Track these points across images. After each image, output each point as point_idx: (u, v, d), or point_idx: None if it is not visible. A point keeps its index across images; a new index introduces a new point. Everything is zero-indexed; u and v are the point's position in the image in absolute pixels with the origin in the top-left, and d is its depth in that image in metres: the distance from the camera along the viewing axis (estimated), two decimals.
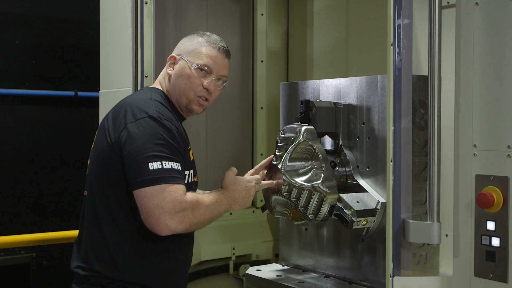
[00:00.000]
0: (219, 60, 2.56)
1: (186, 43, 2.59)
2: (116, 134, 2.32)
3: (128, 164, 2.27)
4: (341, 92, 2.94)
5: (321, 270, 3.07)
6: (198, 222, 2.31)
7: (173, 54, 2.58)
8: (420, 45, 2.73)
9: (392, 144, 2.45)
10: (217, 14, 3.85)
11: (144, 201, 2.23)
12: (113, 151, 2.32)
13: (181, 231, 2.27)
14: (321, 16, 3.88)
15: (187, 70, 2.52)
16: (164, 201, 2.21)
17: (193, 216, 2.29)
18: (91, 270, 2.37)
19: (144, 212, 2.23)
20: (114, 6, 3.35)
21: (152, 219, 2.22)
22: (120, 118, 2.35)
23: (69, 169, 5.17)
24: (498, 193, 2.25)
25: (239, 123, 3.96)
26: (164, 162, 2.25)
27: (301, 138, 2.82)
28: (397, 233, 2.46)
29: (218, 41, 2.59)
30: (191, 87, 2.52)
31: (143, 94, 2.50)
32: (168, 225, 2.22)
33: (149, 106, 2.37)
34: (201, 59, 2.53)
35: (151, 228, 2.24)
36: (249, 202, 2.59)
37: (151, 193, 2.22)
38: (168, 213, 2.21)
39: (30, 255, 4.53)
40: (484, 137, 2.30)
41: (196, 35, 2.60)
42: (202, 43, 2.55)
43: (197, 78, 2.52)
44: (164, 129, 2.31)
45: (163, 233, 2.23)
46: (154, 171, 2.23)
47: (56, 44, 5.27)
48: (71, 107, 5.31)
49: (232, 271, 3.81)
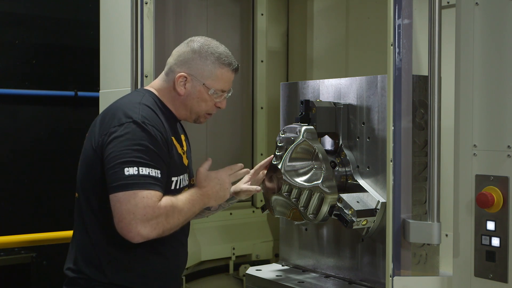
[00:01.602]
0: (232, 78, 2.55)
1: (198, 63, 2.47)
2: (100, 138, 2.30)
3: (107, 168, 2.24)
4: (341, 92, 2.94)
5: (321, 270, 3.07)
6: (171, 228, 2.27)
7: (184, 74, 2.47)
8: (420, 45, 2.73)
9: (392, 144, 2.45)
10: (217, 14, 3.85)
11: (117, 206, 2.19)
12: (96, 155, 2.30)
13: (153, 237, 2.23)
14: (321, 16, 3.88)
15: (204, 94, 2.48)
16: (136, 208, 2.17)
17: (167, 222, 2.24)
18: (80, 272, 2.35)
19: (116, 217, 2.19)
20: (114, 6, 3.35)
21: (124, 225, 2.17)
22: (106, 121, 2.33)
23: (69, 169, 5.14)
24: (498, 193, 2.25)
25: (239, 123, 3.96)
26: (141, 168, 2.21)
27: (301, 138, 2.82)
28: (397, 233, 2.46)
29: (230, 58, 2.52)
30: (205, 109, 2.52)
31: (133, 97, 2.45)
32: (140, 232, 2.17)
33: (135, 110, 2.33)
34: (219, 84, 2.49)
35: (122, 234, 2.19)
36: (226, 195, 2.50)
37: (124, 198, 2.18)
38: (140, 220, 2.17)
39: (30, 255, 4.53)
40: (484, 137, 2.30)
41: (206, 52, 2.48)
42: (217, 64, 2.48)
43: (212, 100, 2.51)
44: (147, 135, 2.27)
45: (135, 240, 2.19)
46: (129, 177, 2.19)
47: (56, 44, 5.26)
48: (71, 107, 5.31)
49: (232, 271, 3.81)
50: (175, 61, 2.51)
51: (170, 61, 2.53)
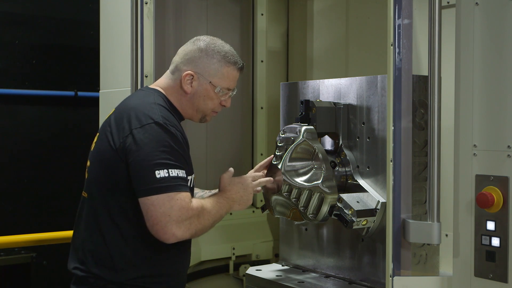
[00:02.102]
0: (237, 76, 2.58)
1: (204, 62, 2.49)
2: (121, 140, 2.30)
3: (134, 171, 2.26)
4: (341, 92, 2.94)
5: (321, 270, 3.07)
6: (202, 228, 2.33)
7: (191, 72, 2.48)
8: (420, 45, 2.73)
9: (392, 144, 2.45)
10: (217, 14, 3.85)
11: (151, 209, 2.22)
12: (117, 157, 2.30)
13: (187, 238, 2.28)
14: (321, 16, 3.88)
15: (211, 93, 2.51)
16: (172, 210, 2.21)
17: (199, 223, 2.30)
18: (89, 272, 2.36)
19: (151, 220, 2.23)
20: (114, 6, 3.35)
21: (159, 228, 2.22)
22: (124, 122, 2.32)
23: (69, 169, 5.17)
24: (498, 193, 2.25)
25: (239, 123, 3.96)
26: (171, 170, 2.25)
27: (301, 138, 2.82)
28: (397, 233, 2.46)
29: (236, 57, 2.55)
30: (212, 107, 2.54)
31: (145, 97, 2.45)
32: (175, 233, 2.23)
33: (154, 111, 2.34)
34: (225, 82, 2.52)
35: (157, 236, 2.24)
36: (249, 200, 2.58)
37: (158, 201, 2.21)
38: (175, 222, 2.22)
39: (30, 255, 4.52)
40: (484, 137, 2.30)
41: (213, 51, 2.50)
42: (223, 63, 2.51)
43: (218, 99, 2.54)
44: (170, 135, 2.29)
45: (169, 241, 2.24)
46: (161, 180, 2.22)
47: (56, 44, 5.26)
48: (71, 107, 5.31)
49: (232, 271, 3.81)
50: (181, 60, 2.52)
51: (176, 59, 2.55)
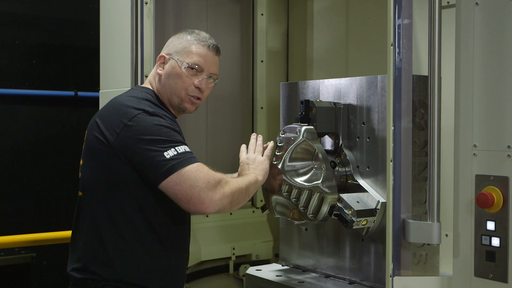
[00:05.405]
0: (209, 58, 2.55)
1: (175, 42, 2.57)
2: (114, 134, 2.30)
3: (142, 162, 2.26)
4: (341, 92, 2.94)
5: (321, 270, 3.07)
6: (238, 192, 2.33)
7: (163, 54, 2.56)
8: (420, 45, 2.73)
9: (392, 144, 2.45)
10: (217, 14, 3.85)
11: (177, 189, 2.22)
12: (112, 152, 2.29)
13: (227, 205, 2.28)
14: (321, 16, 3.88)
15: (177, 69, 2.50)
16: (197, 180, 2.22)
17: (230, 187, 2.30)
18: (87, 272, 2.34)
19: (183, 198, 2.22)
20: (114, 6, 3.35)
21: (195, 201, 2.21)
22: (114, 117, 2.33)
23: (69, 169, 5.15)
24: (498, 193, 2.25)
25: (239, 123, 3.96)
26: (177, 147, 2.26)
27: (301, 138, 2.82)
28: (397, 233, 2.46)
29: (208, 39, 2.57)
30: (182, 86, 2.51)
31: (133, 94, 2.48)
32: (212, 198, 2.22)
33: (142, 104, 2.38)
34: (191, 58, 2.51)
35: (196, 211, 2.24)
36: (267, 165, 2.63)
37: (180, 178, 2.21)
38: (207, 188, 2.22)
39: (30, 255, 4.52)
40: (484, 137, 2.30)
41: (185, 33, 2.58)
42: (191, 41, 2.54)
43: (188, 77, 2.51)
44: (161, 118, 2.33)
45: (211, 208, 2.23)
46: (173, 158, 2.23)
47: (56, 44, 5.26)
48: (71, 107, 5.30)
49: (232, 271, 3.81)
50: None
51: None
